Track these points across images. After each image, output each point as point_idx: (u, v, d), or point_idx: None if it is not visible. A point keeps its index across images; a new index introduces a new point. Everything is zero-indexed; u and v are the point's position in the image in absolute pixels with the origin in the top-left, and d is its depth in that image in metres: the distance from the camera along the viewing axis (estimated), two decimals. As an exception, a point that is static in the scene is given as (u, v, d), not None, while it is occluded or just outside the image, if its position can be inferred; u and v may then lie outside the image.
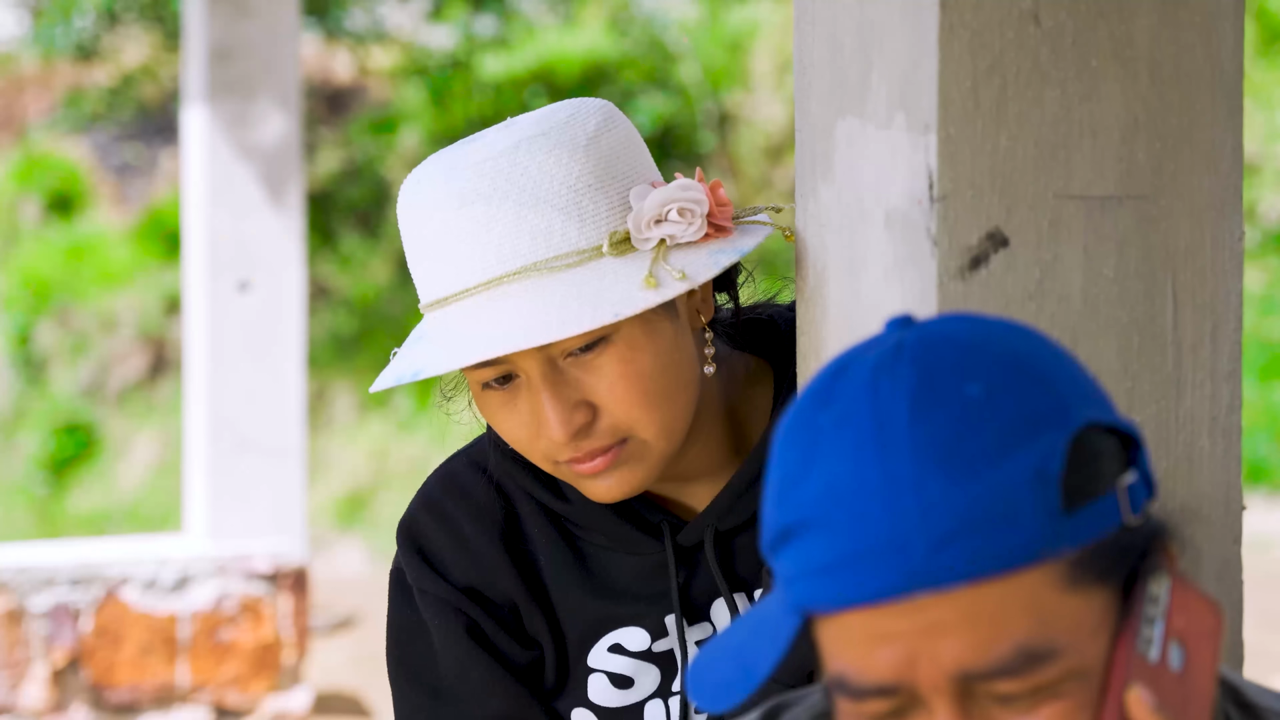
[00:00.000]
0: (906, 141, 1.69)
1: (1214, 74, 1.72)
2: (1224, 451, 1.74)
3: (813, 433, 1.31)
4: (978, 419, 1.27)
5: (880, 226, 1.74)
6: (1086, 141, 1.68)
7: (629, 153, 1.89)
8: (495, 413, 1.88)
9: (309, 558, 6.00)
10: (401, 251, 12.43)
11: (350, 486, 11.52)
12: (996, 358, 1.31)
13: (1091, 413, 1.31)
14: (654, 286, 1.81)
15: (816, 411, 1.32)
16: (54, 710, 5.73)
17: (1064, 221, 1.68)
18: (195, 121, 6.01)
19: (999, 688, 1.27)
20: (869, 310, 1.76)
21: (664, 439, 1.87)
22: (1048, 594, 1.27)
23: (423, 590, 1.99)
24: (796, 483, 1.31)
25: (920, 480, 1.26)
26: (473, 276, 1.83)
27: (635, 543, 1.96)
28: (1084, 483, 1.29)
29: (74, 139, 13.37)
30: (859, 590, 1.27)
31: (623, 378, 1.84)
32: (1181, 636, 1.33)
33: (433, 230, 1.85)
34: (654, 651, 1.98)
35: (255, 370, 5.93)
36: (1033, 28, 1.67)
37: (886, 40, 1.72)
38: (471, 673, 1.97)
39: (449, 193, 1.84)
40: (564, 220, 1.83)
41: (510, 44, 12.73)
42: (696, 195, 1.85)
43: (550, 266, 1.82)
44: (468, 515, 1.99)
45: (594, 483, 1.88)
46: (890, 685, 1.29)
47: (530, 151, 1.84)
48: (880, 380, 1.30)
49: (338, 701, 6.80)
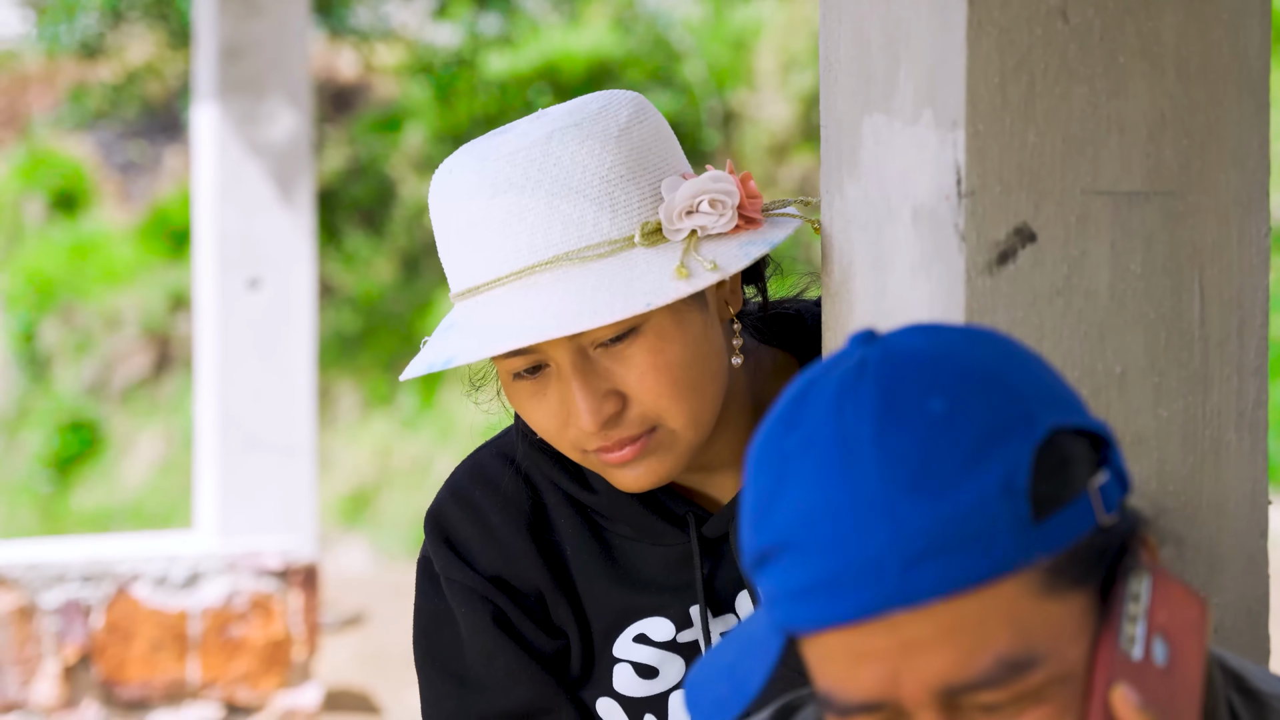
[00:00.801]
0: (934, 138, 1.69)
1: (1240, 71, 1.73)
2: (1250, 447, 1.74)
3: (782, 456, 1.32)
4: (942, 435, 1.28)
5: (907, 223, 1.74)
6: (1114, 138, 1.69)
7: (660, 144, 1.90)
8: (524, 402, 1.89)
9: (319, 555, 6.00)
10: (405, 250, 12.43)
11: (354, 485, 11.52)
12: (959, 370, 1.31)
13: (1058, 417, 1.32)
14: (686, 276, 1.82)
15: (784, 435, 1.33)
16: (65, 707, 5.74)
17: (1091, 217, 1.69)
18: (205, 119, 6.01)
19: (983, 698, 1.28)
20: (896, 306, 1.77)
21: (692, 429, 1.88)
22: (1025, 603, 1.28)
23: (450, 579, 2.00)
24: (769, 507, 1.32)
25: (889, 501, 1.27)
26: (504, 265, 1.84)
27: (661, 533, 1.98)
28: (1053, 490, 1.29)
29: (78, 136, 13.38)
30: (836, 611, 1.28)
31: (653, 368, 1.85)
32: (1165, 631, 1.33)
33: (465, 219, 1.86)
34: (679, 642, 1.99)
35: (265, 368, 5.94)
36: (1060, 24, 1.67)
37: (914, 37, 1.72)
38: (498, 660, 1.98)
39: (481, 182, 1.85)
40: (596, 210, 1.84)
41: (515, 42, 12.73)
42: (728, 187, 1.86)
43: (582, 256, 1.83)
44: (495, 505, 2.00)
45: (622, 472, 1.88)
46: (875, 702, 1.30)
47: (563, 141, 1.85)
48: (844, 402, 1.31)
49: (347, 698, 6.81)
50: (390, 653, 8.04)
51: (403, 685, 7.36)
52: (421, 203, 12.29)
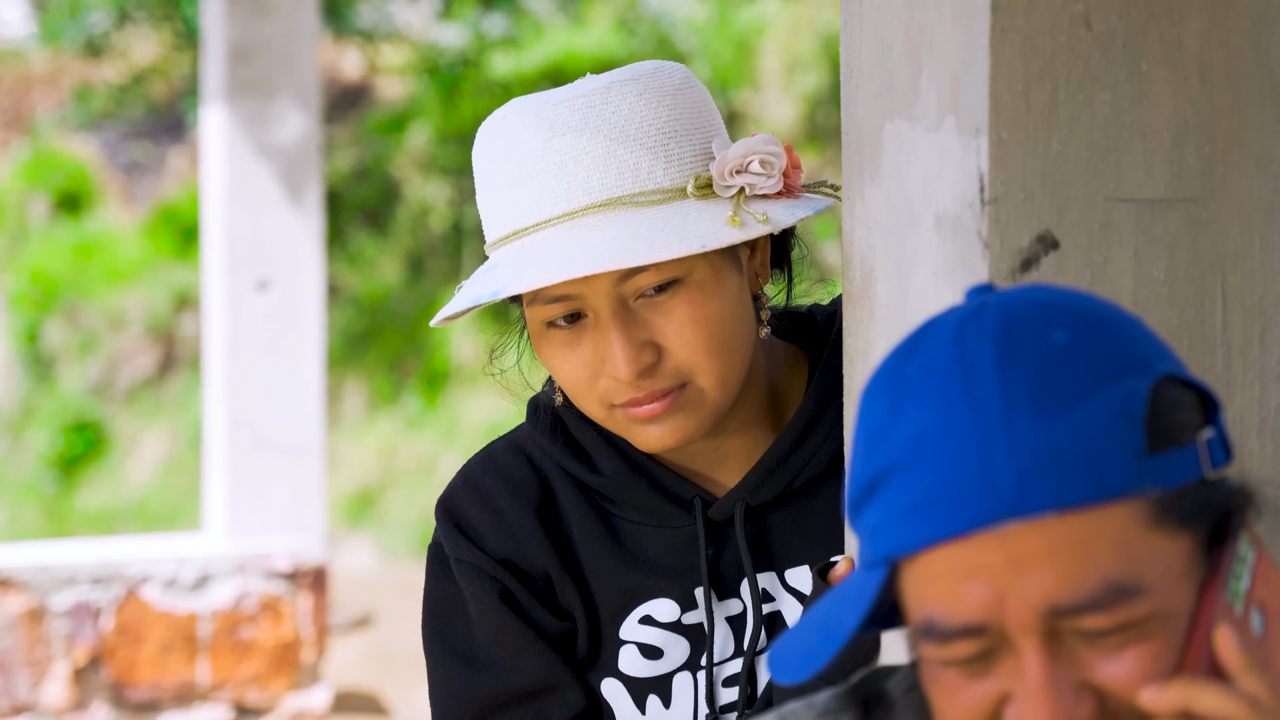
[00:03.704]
0: (957, 144, 1.69)
1: (1263, 77, 1.73)
2: (1273, 453, 1.75)
3: (899, 383, 1.35)
4: (1063, 362, 1.31)
5: (930, 229, 1.74)
6: (1137, 144, 1.69)
7: (709, 109, 1.97)
8: (556, 353, 1.92)
9: (328, 556, 6.01)
10: (411, 250, 12.42)
11: (359, 485, 11.52)
12: (1079, 312, 1.35)
13: (1171, 367, 1.35)
14: (739, 225, 1.87)
15: (902, 364, 1.36)
16: (75, 709, 5.75)
17: (1114, 224, 1.69)
18: (214, 121, 6.02)
19: (1087, 623, 1.29)
20: (918, 312, 1.77)
21: (719, 389, 1.91)
22: (1133, 531, 1.29)
23: (459, 560, 2.03)
24: (884, 433, 1.34)
25: (1008, 418, 1.29)
26: (555, 206, 1.88)
27: (668, 516, 2.00)
28: (1166, 429, 1.32)
29: (82, 136, 13.37)
30: (949, 524, 1.29)
31: (692, 320, 1.89)
32: (1262, 606, 1.34)
33: (519, 160, 1.90)
34: (683, 624, 2.01)
35: (274, 368, 5.95)
36: (1084, 31, 1.67)
37: (937, 44, 1.72)
38: (505, 638, 2.00)
39: (540, 124, 1.90)
40: (651, 158, 1.89)
41: (520, 43, 12.73)
42: (777, 149, 1.92)
43: (635, 201, 1.88)
44: (505, 491, 2.03)
45: (647, 429, 1.92)
46: (978, 624, 1.30)
47: (622, 92, 1.91)
48: (966, 330, 1.33)
49: (356, 700, 6.81)
50: (398, 653, 8.04)
51: (411, 686, 7.37)
52: (426, 203, 12.29)
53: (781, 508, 2.01)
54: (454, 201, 12.22)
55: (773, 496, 2.00)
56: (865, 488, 1.35)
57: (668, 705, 2.00)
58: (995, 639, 1.31)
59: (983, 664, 1.32)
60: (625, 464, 2.00)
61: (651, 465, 2.01)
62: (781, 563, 2.01)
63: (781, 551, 2.01)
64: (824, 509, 2.00)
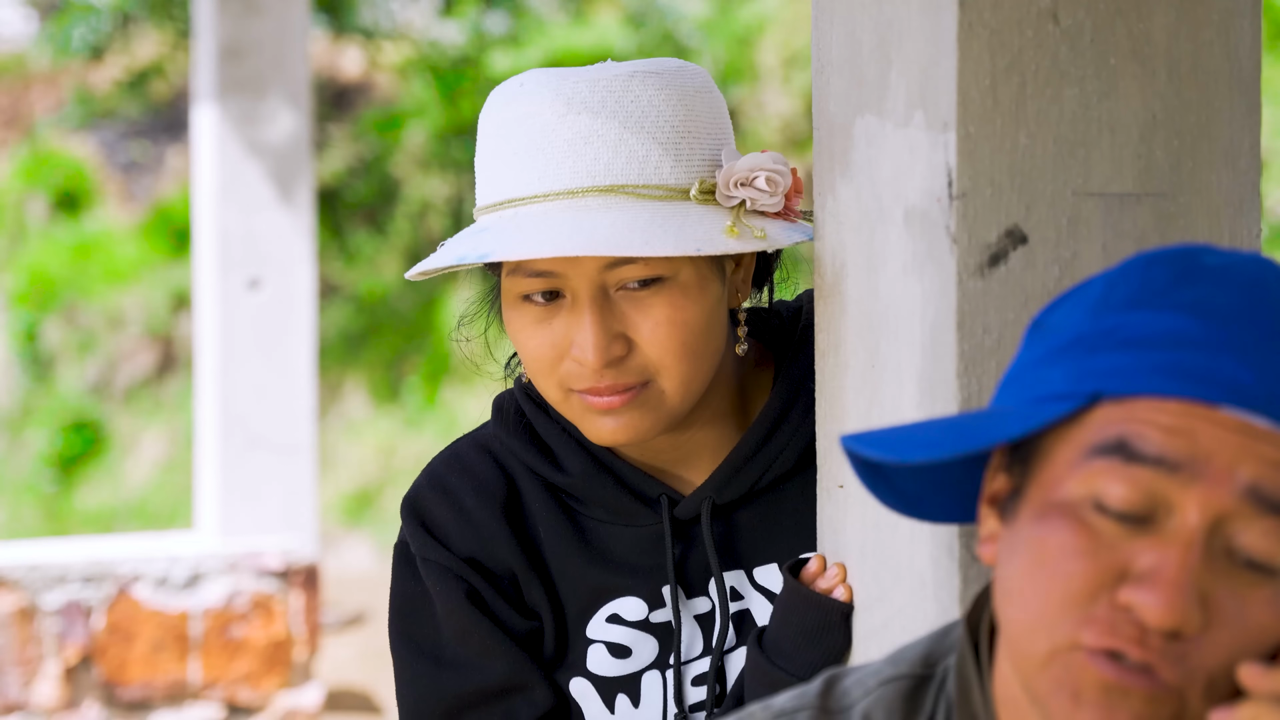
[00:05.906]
0: (925, 139, 1.69)
1: (1231, 71, 1.72)
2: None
3: (1192, 263, 1.39)
4: None
5: (899, 224, 1.74)
6: (1105, 139, 1.69)
7: (722, 117, 1.97)
8: (525, 327, 1.92)
9: (320, 554, 6.01)
10: (409, 248, 12.40)
11: (358, 483, 11.53)
12: None
13: None
14: (736, 236, 1.87)
15: (1199, 255, 1.40)
16: (66, 707, 5.74)
17: (1083, 219, 1.69)
18: (205, 119, 6.02)
19: (1262, 525, 1.32)
20: (887, 307, 1.77)
21: (680, 394, 1.91)
22: None
23: (425, 559, 2.03)
24: (1161, 293, 1.37)
25: None
26: (559, 182, 1.88)
27: (634, 514, 2.00)
28: None
29: (81, 136, 13.37)
30: (1214, 391, 1.33)
31: (669, 321, 1.89)
32: None
33: (529, 130, 1.89)
34: (652, 622, 2.01)
35: (266, 367, 5.94)
36: (1051, 26, 1.67)
37: (905, 39, 1.72)
38: (472, 638, 2.00)
39: (558, 97, 1.89)
40: (661, 153, 1.89)
41: (520, 40, 12.73)
42: (784, 170, 1.92)
43: (638, 193, 1.88)
44: (470, 489, 2.02)
45: (601, 421, 1.91)
46: (1175, 461, 1.33)
47: (644, 83, 1.91)
48: (1261, 257, 1.40)
49: (349, 698, 6.81)
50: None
51: (405, 684, 7.36)
52: (425, 201, 12.29)
53: (748, 505, 2.00)
54: (453, 200, 12.22)
55: (739, 494, 2.00)
56: (1108, 329, 1.38)
57: (637, 704, 2.00)
58: (1186, 478, 1.33)
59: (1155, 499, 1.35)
60: (591, 462, 2.00)
61: (617, 463, 2.00)
62: (749, 561, 2.00)
63: (749, 549, 2.00)
64: (791, 506, 2.00)
